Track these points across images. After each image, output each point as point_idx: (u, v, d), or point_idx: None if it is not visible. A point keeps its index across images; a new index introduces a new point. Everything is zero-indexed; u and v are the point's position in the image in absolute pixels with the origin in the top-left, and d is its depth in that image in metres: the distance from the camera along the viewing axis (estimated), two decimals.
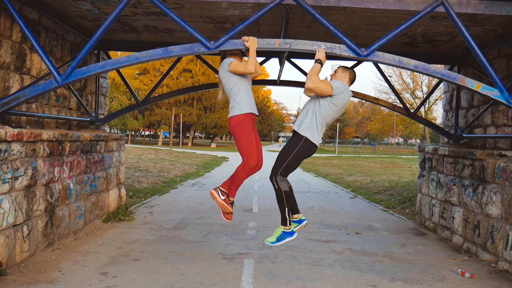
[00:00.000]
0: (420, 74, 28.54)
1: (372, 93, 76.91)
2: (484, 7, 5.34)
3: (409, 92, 45.80)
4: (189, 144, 54.43)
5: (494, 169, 6.74)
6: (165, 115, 48.50)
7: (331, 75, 4.97)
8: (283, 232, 4.64)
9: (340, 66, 4.95)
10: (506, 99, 5.30)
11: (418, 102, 43.36)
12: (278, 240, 4.65)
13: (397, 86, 43.85)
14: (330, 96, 4.52)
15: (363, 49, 5.28)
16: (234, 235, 7.79)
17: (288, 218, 4.61)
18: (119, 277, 5.37)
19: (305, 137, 4.51)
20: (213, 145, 57.08)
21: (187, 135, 60.80)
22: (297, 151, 4.54)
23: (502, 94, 5.32)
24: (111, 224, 8.42)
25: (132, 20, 7.39)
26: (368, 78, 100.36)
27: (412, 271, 6.09)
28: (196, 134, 68.61)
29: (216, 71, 9.01)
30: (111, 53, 13.77)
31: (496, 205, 6.62)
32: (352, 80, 4.88)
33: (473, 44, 5.33)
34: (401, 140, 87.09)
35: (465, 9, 5.35)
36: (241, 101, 4.39)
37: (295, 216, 4.76)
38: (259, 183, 15.87)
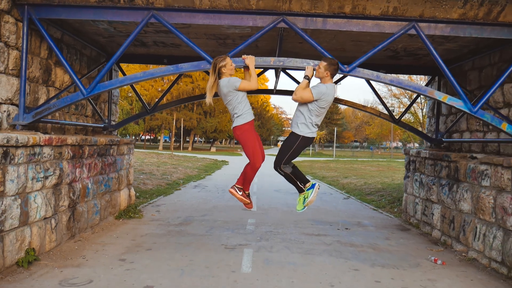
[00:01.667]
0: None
1: (371, 97, 77.68)
2: (450, 29, 6.21)
3: (407, 97, 46.65)
4: (189, 148, 55.28)
5: (465, 169, 7.60)
6: (166, 120, 49.35)
7: (315, 70, 5.59)
8: (303, 198, 5.51)
9: (322, 61, 5.53)
10: (469, 108, 6.17)
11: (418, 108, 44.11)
12: (303, 205, 5.53)
13: (395, 91, 44.70)
14: (314, 101, 5.34)
15: (346, 66, 6.15)
16: (235, 230, 8.63)
17: (302, 186, 5.48)
18: (135, 263, 6.21)
19: (302, 136, 5.33)
20: (213, 149, 57.91)
21: (187, 139, 61.66)
22: (296, 146, 5.39)
23: (466, 104, 6.19)
24: (123, 220, 9.25)
25: (143, 36, 8.25)
26: (364, 85, 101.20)
27: (392, 259, 6.93)
28: (196, 138, 69.44)
29: None
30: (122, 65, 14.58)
31: (467, 202, 7.48)
32: (333, 74, 5.51)
33: (440, 61, 6.20)
34: (399, 144, 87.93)
35: (433, 31, 6.23)
36: (244, 112, 5.21)
37: (307, 185, 5.55)
38: (258, 185, 16.74)
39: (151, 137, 76.96)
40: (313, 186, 5.58)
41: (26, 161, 5.78)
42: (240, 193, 5.48)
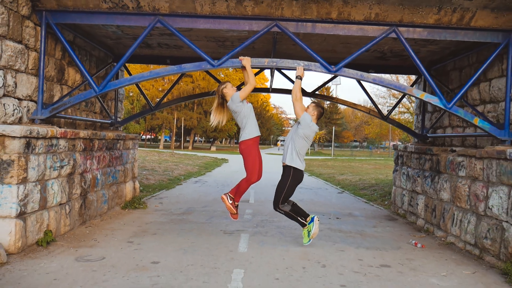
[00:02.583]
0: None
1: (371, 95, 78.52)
2: (427, 33, 6.86)
3: (406, 96, 47.32)
4: (190, 147, 55.96)
5: (445, 162, 8.25)
6: (167, 119, 50.03)
7: (305, 109, 6.46)
8: (307, 231, 6.43)
9: (311, 103, 6.48)
10: (444, 105, 6.83)
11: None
12: (309, 238, 6.49)
13: (394, 91, 45.43)
14: (298, 123, 6.12)
15: (333, 66, 6.81)
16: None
17: (303, 222, 6.39)
18: (142, 244, 6.86)
19: (293, 167, 6.10)
20: (213, 148, 58.59)
21: (187, 139, 62.32)
22: (291, 181, 6.20)
23: (441, 101, 6.84)
24: (128, 210, 9.90)
25: (148, 39, 8.90)
26: (366, 84, 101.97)
27: (376, 243, 7.58)
28: (196, 138, 70.10)
29: (217, 80, 10.54)
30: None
31: (446, 191, 8.13)
32: (318, 117, 6.48)
33: (417, 61, 6.85)
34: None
35: (412, 35, 6.88)
36: (251, 128, 5.88)
37: (307, 219, 6.40)
38: (256, 183, 17.37)
39: (151, 137, 77.67)
40: (312, 219, 6.49)
41: (45, 151, 6.43)
42: (230, 202, 6.26)
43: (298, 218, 6.35)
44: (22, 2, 6.41)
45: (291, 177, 6.13)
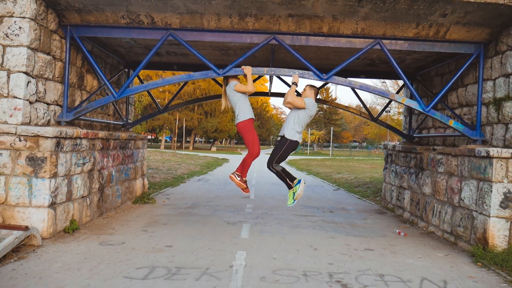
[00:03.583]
0: None
1: (369, 98, 79.22)
2: (408, 45, 7.75)
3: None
4: (190, 147, 56.86)
5: (427, 159, 9.14)
6: (168, 120, 50.90)
7: (301, 92, 7.31)
8: (292, 193, 6.86)
9: (307, 85, 7.23)
10: (422, 108, 7.71)
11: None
12: (293, 199, 6.85)
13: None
14: (305, 108, 6.89)
15: (324, 74, 7.69)
16: (235, 212, 10.18)
17: (290, 184, 6.85)
18: (155, 232, 7.74)
19: (290, 139, 6.85)
20: (214, 148, 59.48)
21: (188, 139, 63.22)
22: (285, 148, 6.90)
23: (420, 105, 7.73)
24: (139, 205, 10.78)
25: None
26: (368, 82, 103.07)
27: (364, 232, 8.46)
28: (196, 138, 70.98)
29: (217, 82, 11.42)
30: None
31: (428, 186, 9.01)
32: (316, 94, 7.20)
33: (398, 68, 7.75)
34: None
35: (394, 47, 7.76)
36: (245, 110, 6.71)
37: (295, 181, 6.95)
38: (257, 180, 18.27)
39: (152, 137, 78.55)
40: (299, 181, 6.98)
41: (71, 149, 7.32)
42: (239, 179, 7.00)
43: (287, 179, 6.89)
44: (51, 19, 7.30)
45: (287, 145, 6.71)
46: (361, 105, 12.19)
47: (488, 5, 6.61)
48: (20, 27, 6.66)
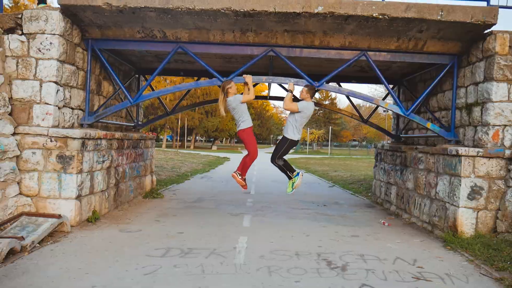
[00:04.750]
0: None
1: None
2: (390, 56, 8.74)
3: None
4: (192, 146, 57.87)
5: (410, 157, 10.14)
6: (169, 119, 51.89)
7: (300, 93, 8.22)
8: (292, 182, 7.84)
9: (304, 87, 8.11)
10: (403, 112, 8.72)
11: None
12: (292, 188, 7.88)
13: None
14: (299, 112, 7.87)
15: (316, 82, 8.69)
16: (237, 205, 11.19)
17: (290, 175, 7.84)
18: (167, 222, 8.75)
19: (290, 139, 7.84)
20: (214, 147, 60.53)
21: (189, 138, 64.24)
22: (286, 146, 7.92)
23: (401, 109, 8.74)
24: (149, 200, 11.78)
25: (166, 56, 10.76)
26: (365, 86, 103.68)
27: (352, 222, 9.46)
28: (197, 137, 72.00)
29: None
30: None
31: (411, 181, 10.02)
32: (312, 95, 8.11)
33: (383, 79, 8.74)
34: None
35: (378, 58, 8.76)
36: (247, 119, 7.69)
37: (294, 173, 7.95)
38: (257, 177, 19.29)
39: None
40: (298, 174, 8.05)
41: (93, 149, 8.32)
42: (240, 177, 8.01)
43: (287, 171, 7.89)
44: (75, 34, 8.30)
45: (288, 143, 7.70)
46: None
47: (457, 23, 7.61)
48: (51, 43, 7.67)
